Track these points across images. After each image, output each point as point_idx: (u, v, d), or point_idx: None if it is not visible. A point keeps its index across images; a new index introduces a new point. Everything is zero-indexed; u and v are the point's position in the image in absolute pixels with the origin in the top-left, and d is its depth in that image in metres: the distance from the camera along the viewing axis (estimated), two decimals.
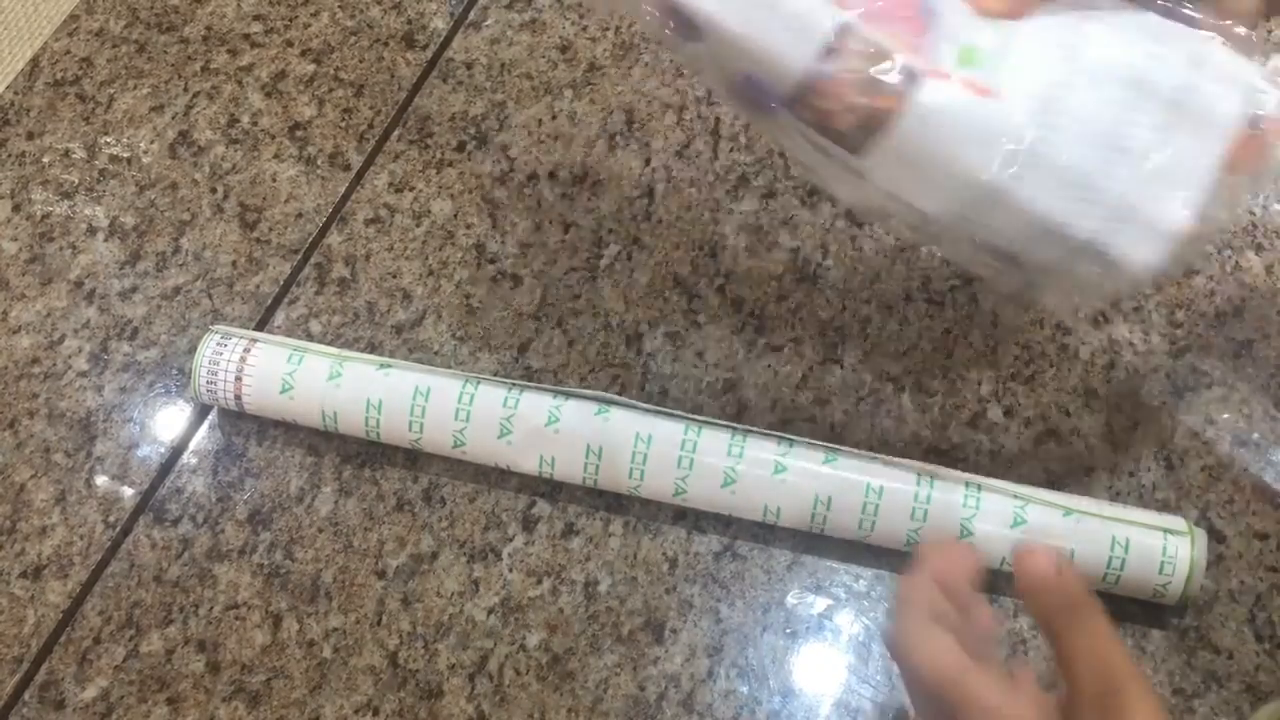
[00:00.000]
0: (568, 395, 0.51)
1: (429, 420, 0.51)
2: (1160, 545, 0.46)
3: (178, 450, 0.57)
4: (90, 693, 0.51)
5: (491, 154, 0.64)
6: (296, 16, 0.70)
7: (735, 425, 0.51)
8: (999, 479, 0.49)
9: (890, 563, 0.52)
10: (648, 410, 0.51)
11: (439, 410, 0.51)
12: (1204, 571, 0.46)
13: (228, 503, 0.55)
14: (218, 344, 0.54)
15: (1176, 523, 0.47)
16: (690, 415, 0.51)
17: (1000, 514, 0.47)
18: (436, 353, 0.58)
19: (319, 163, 0.65)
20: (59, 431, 0.57)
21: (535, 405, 0.51)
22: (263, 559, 0.54)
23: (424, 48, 0.68)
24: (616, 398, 0.51)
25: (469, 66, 0.67)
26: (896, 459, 0.49)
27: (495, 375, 0.55)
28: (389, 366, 0.52)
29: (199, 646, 0.52)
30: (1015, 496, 0.48)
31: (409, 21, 0.69)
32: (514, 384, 0.51)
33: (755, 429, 0.50)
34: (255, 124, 0.66)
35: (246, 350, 0.53)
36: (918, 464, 0.49)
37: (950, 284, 0.59)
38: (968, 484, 0.48)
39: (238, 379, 0.53)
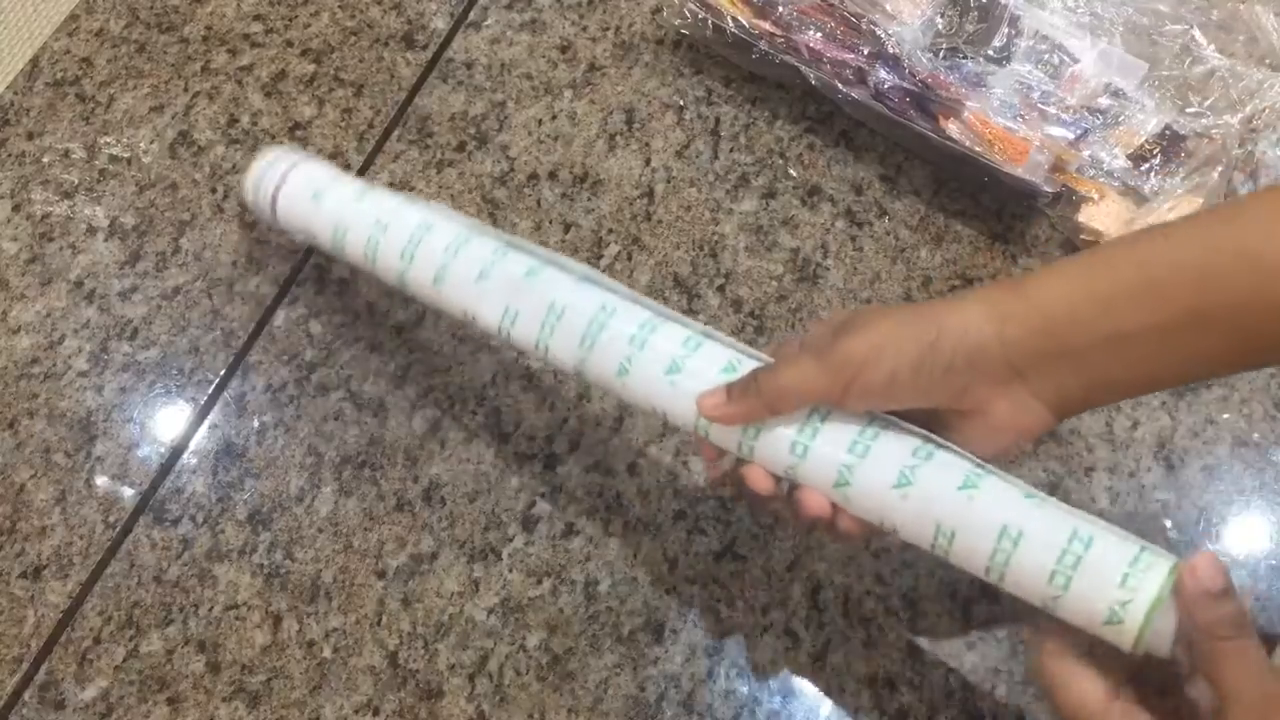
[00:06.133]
0: (556, 265, 0.48)
1: (420, 251, 0.49)
2: (1131, 554, 0.37)
3: (178, 450, 0.57)
4: (90, 693, 0.51)
5: (491, 154, 0.64)
6: (296, 16, 0.70)
7: (693, 324, 0.45)
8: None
9: (895, 560, 0.52)
10: (625, 295, 0.46)
11: (432, 245, 0.49)
12: (1170, 612, 0.36)
13: (228, 503, 0.55)
14: (276, 157, 0.56)
15: (1160, 552, 0.38)
16: (663, 311, 0.45)
17: (948, 472, 0.40)
18: (437, 353, 0.58)
19: None
20: (59, 432, 0.57)
21: (520, 260, 0.48)
22: (263, 559, 0.54)
23: (424, 48, 0.68)
24: (604, 278, 0.47)
25: (469, 66, 0.67)
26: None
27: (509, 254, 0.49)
28: (364, 195, 0.53)
29: (199, 646, 0.52)
30: (976, 465, 0.41)
31: (409, 21, 0.69)
32: (511, 242, 0.49)
33: (720, 336, 0.45)
34: (255, 124, 0.66)
35: (296, 165, 0.55)
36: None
37: (951, 284, 0.59)
38: (925, 436, 0.42)
39: (278, 186, 0.55)
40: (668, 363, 0.43)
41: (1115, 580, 0.37)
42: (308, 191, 0.54)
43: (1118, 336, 0.37)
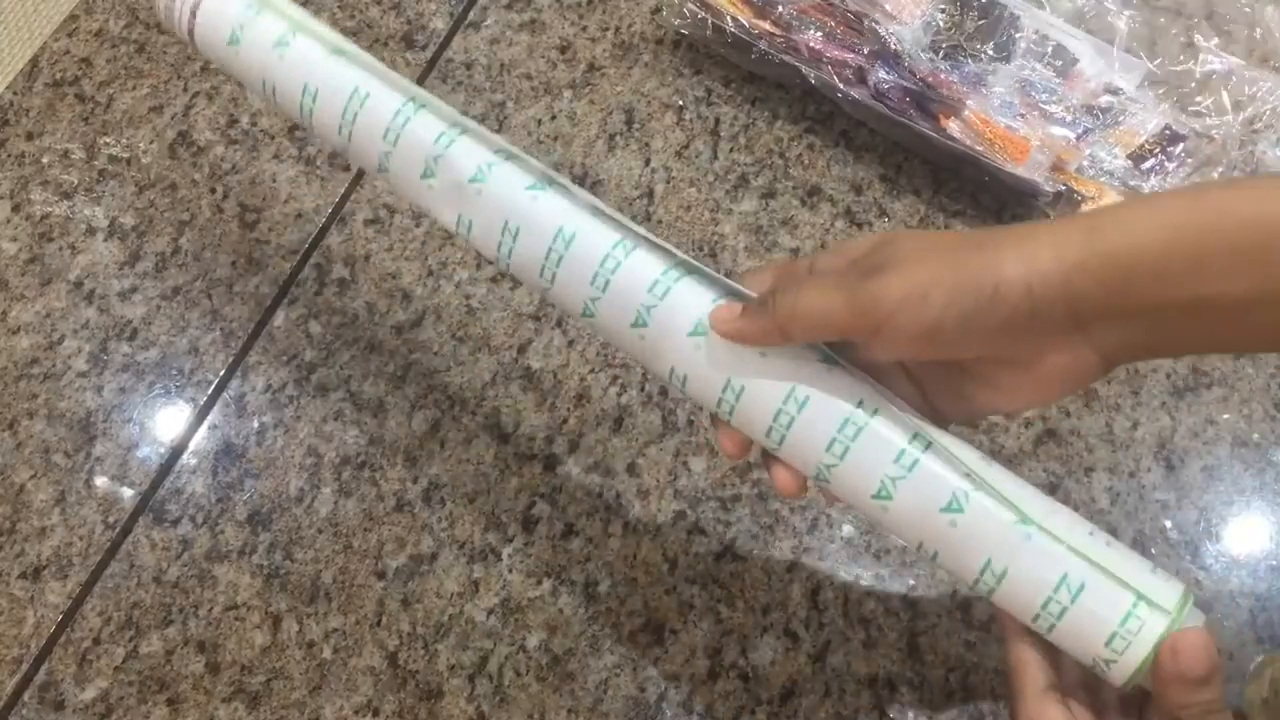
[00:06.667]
0: (509, 157, 0.41)
1: (359, 129, 0.42)
2: (1123, 610, 0.34)
3: (177, 451, 0.57)
4: (90, 693, 0.51)
5: None
6: None
7: (677, 254, 0.39)
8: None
9: (896, 561, 0.52)
10: (584, 206, 0.40)
11: (371, 123, 0.42)
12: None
13: (227, 503, 0.55)
14: None
15: (1166, 592, 0.35)
16: (633, 227, 0.39)
17: (934, 488, 0.36)
18: (436, 353, 0.58)
19: (318, 163, 0.64)
20: (58, 432, 0.57)
21: (467, 155, 0.41)
22: (262, 560, 0.54)
23: (424, 48, 0.68)
24: (559, 178, 0.41)
25: (469, 67, 0.67)
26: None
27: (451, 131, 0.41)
28: (341, 54, 0.43)
29: (199, 647, 0.52)
30: (966, 475, 0.36)
31: (409, 22, 0.69)
32: (457, 124, 0.41)
33: (702, 268, 0.39)
34: (255, 124, 0.66)
35: None
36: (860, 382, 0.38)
37: None
38: (916, 434, 0.37)
39: (193, 13, 0.45)
40: (633, 315, 0.38)
41: (1102, 638, 0.34)
42: (223, 33, 0.44)
43: (1205, 300, 0.33)
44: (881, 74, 0.60)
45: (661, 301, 0.38)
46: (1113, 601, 0.34)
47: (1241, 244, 0.32)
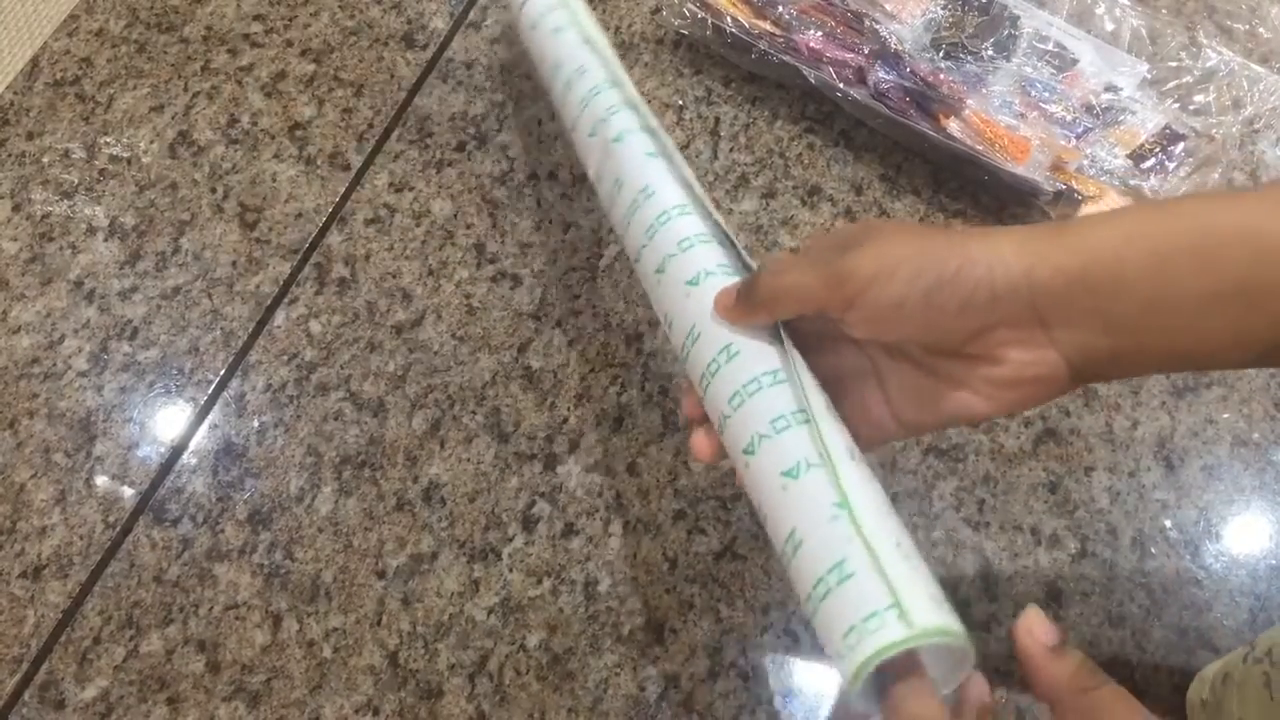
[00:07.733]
0: (647, 130, 0.48)
1: (570, 95, 0.52)
2: (872, 609, 0.33)
3: (178, 450, 0.57)
4: (90, 693, 0.51)
5: (491, 154, 0.64)
6: (296, 16, 0.70)
7: (724, 229, 0.43)
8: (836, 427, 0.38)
9: None
10: (678, 178, 0.46)
11: (576, 91, 0.52)
12: (874, 679, 0.33)
13: (228, 503, 0.55)
14: None
15: (929, 616, 0.32)
16: (704, 203, 0.45)
17: (785, 453, 0.37)
18: (436, 352, 0.58)
19: (319, 163, 0.64)
20: (59, 431, 0.57)
21: (619, 122, 0.49)
22: (263, 559, 0.54)
23: (424, 48, 0.68)
24: (677, 155, 0.47)
25: (469, 66, 0.67)
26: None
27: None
28: (588, 42, 0.54)
29: (199, 646, 0.52)
30: (820, 454, 0.37)
31: (409, 21, 0.69)
32: (629, 101, 0.50)
33: (735, 244, 0.43)
34: (255, 124, 0.66)
35: None
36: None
37: None
38: (802, 409, 0.38)
39: (522, 3, 0.58)
40: (659, 262, 0.44)
41: (844, 628, 0.33)
42: (530, 19, 0.57)
43: (1164, 299, 0.34)
44: (881, 73, 0.60)
45: (681, 254, 0.43)
46: (869, 598, 0.33)
47: (1200, 244, 0.33)
